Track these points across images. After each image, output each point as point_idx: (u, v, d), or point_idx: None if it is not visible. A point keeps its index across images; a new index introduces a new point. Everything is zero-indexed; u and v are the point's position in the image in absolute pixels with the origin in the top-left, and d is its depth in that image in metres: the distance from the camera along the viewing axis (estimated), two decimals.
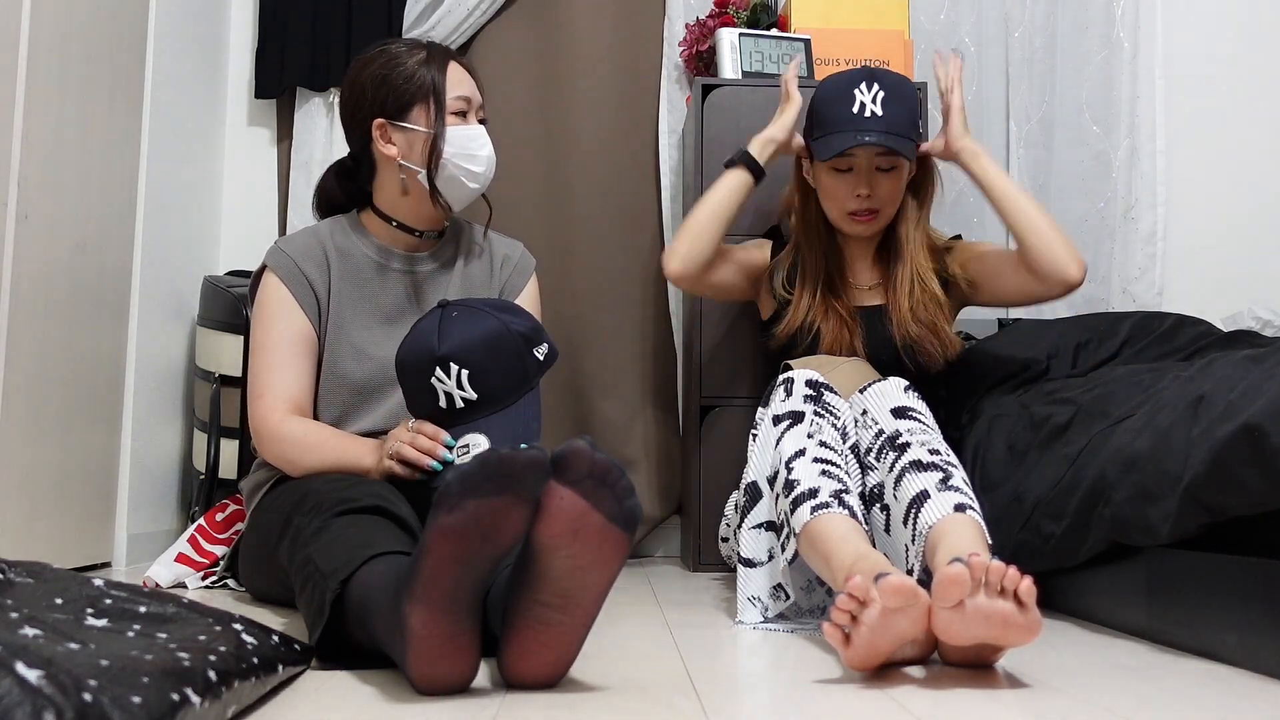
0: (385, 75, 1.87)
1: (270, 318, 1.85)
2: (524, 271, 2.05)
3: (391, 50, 1.90)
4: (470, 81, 1.92)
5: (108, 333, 2.35)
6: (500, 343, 1.63)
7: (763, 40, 2.59)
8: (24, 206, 1.99)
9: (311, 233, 1.93)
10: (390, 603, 1.16)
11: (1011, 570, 1.23)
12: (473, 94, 1.90)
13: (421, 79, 1.86)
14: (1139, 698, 1.20)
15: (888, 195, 2.07)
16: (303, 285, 1.86)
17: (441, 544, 1.09)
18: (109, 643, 0.96)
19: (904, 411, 1.67)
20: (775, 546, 1.67)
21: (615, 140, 2.90)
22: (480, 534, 1.10)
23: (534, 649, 1.17)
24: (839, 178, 2.07)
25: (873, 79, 2.03)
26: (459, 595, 1.11)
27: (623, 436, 2.83)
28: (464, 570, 1.11)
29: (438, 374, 1.62)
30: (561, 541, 1.14)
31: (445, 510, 1.09)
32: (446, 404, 1.63)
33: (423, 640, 1.11)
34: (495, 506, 1.09)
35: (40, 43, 2.03)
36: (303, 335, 1.85)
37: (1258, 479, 1.33)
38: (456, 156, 1.86)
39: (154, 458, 2.57)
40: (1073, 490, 1.71)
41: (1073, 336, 2.26)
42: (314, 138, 2.90)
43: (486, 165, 1.90)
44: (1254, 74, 3.03)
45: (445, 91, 1.86)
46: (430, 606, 1.10)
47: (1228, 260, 2.98)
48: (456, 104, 1.87)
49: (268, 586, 1.81)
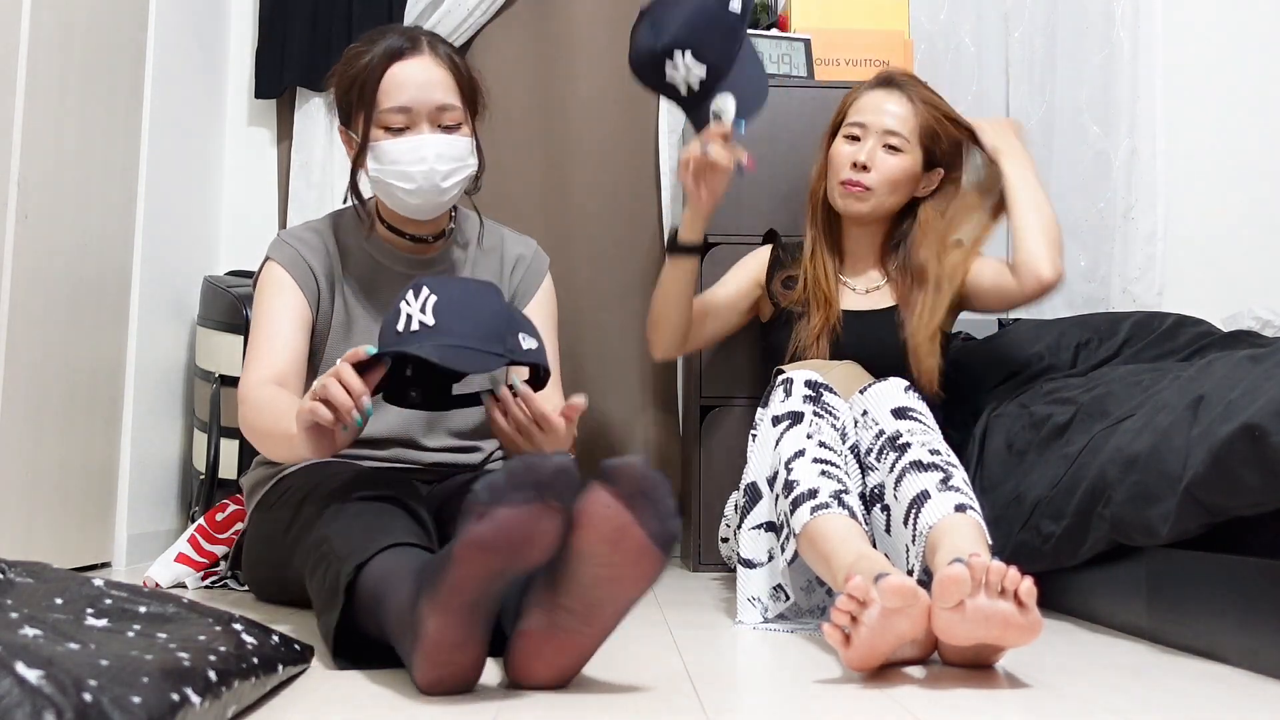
0: (340, 76, 1.79)
1: (267, 298, 1.79)
2: (536, 274, 1.95)
3: (355, 49, 1.79)
4: (419, 84, 1.73)
5: (108, 333, 2.35)
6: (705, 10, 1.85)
7: (763, 40, 2.59)
8: (24, 206, 1.99)
9: (314, 228, 1.87)
10: (408, 600, 1.15)
11: (1012, 571, 1.23)
12: (417, 101, 1.72)
13: (359, 85, 1.75)
14: (1139, 698, 1.20)
15: (883, 175, 2.07)
16: (304, 270, 1.80)
17: (470, 555, 1.08)
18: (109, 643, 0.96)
19: (904, 412, 1.67)
20: (775, 547, 1.67)
21: (615, 140, 2.89)
22: (510, 545, 1.08)
23: (546, 653, 1.17)
24: (847, 145, 2.10)
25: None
26: (479, 604, 1.11)
27: (623, 436, 2.83)
28: (489, 583, 1.10)
29: (669, 64, 1.88)
30: (598, 550, 1.13)
31: (475, 518, 1.07)
32: (686, 91, 1.89)
33: (435, 645, 1.11)
34: (526, 515, 1.07)
35: (40, 43, 2.03)
36: (297, 312, 1.78)
37: (1258, 479, 1.33)
38: (383, 173, 1.75)
39: (154, 458, 2.57)
40: (1073, 490, 1.71)
41: (1073, 336, 2.26)
42: (314, 138, 2.89)
43: (423, 180, 1.73)
44: (1254, 74, 3.03)
45: (377, 103, 1.73)
46: (449, 614, 1.09)
47: (1228, 260, 2.98)
48: (389, 118, 1.73)
49: (269, 584, 1.81)
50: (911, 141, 2.08)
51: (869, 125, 2.09)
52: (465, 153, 1.77)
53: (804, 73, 2.58)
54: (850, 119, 2.12)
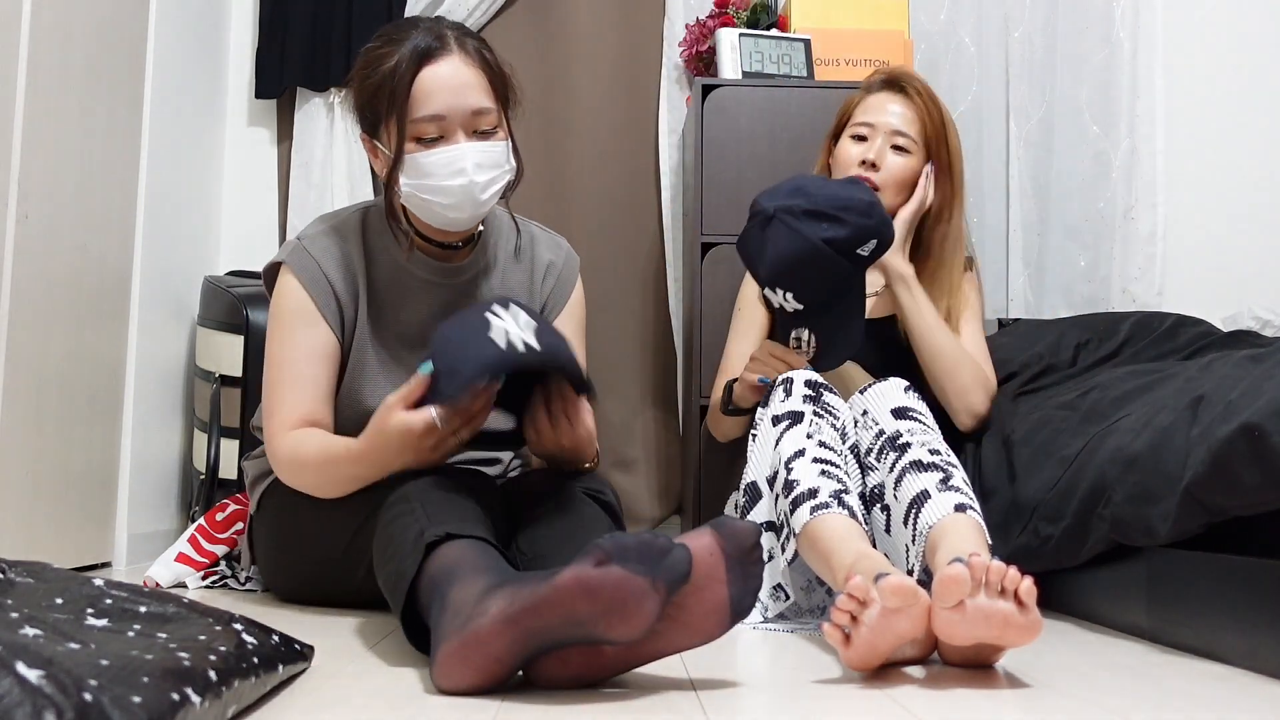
0: (361, 82, 1.67)
1: (287, 328, 1.69)
2: (567, 281, 1.87)
3: (376, 50, 1.67)
4: (453, 89, 1.63)
5: (108, 333, 2.35)
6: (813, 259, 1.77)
7: (763, 40, 2.59)
8: (24, 206, 1.99)
9: (338, 228, 1.75)
10: (476, 593, 1.14)
11: (1012, 570, 1.23)
12: (451, 108, 1.62)
13: (386, 93, 1.63)
14: (1139, 698, 1.20)
15: (892, 175, 2.07)
16: (326, 292, 1.70)
17: (570, 589, 1.08)
18: (109, 642, 0.96)
19: (904, 412, 1.67)
20: (775, 547, 1.67)
21: (615, 140, 2.90)
22: (606, 604, 1.08)
23: (575, 665, 1.16)
24: (855, 144, 2.10)
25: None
26: (537, 636, 1.10)
27: (623, 436, 2.83)
28: (563, 626, 1.09)
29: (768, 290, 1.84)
30: (684, 590, 1.13)
31: (594, 563, 1.08)
32: (779, 312, 1.87)
33: (478, 639, 1.10)
34: (635, 586, 1.07)
35: (40, 43, 2.03)
36: (322, 347, 1.69)
37: (1257, 479, 1.33)
38: (418, 189, 1.64)
39: (154, 458, 2.57)
40: (1072, 491, 1.71)
41: (1073, 336, 2.26)
42: (314, 138, 2.90)
43: (461, 195, 1.63)
44: (1254, 74, 3.03)
45: (408, 113, 1.61)
46: (510, 624, 1.09)
47: (1228, 260, 2.98)
48: (422, 128, 1.62)
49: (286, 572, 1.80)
50: (918, 143, 2.09)
51: (877, 125, 2.09)
52: (503, 158, 1.68)
53: (804, 73, 2.58)
54: (856, 119, 2.12)
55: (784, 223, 1.78)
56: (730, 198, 2.48)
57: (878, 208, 1.82)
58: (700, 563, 1.14)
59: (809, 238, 1.76)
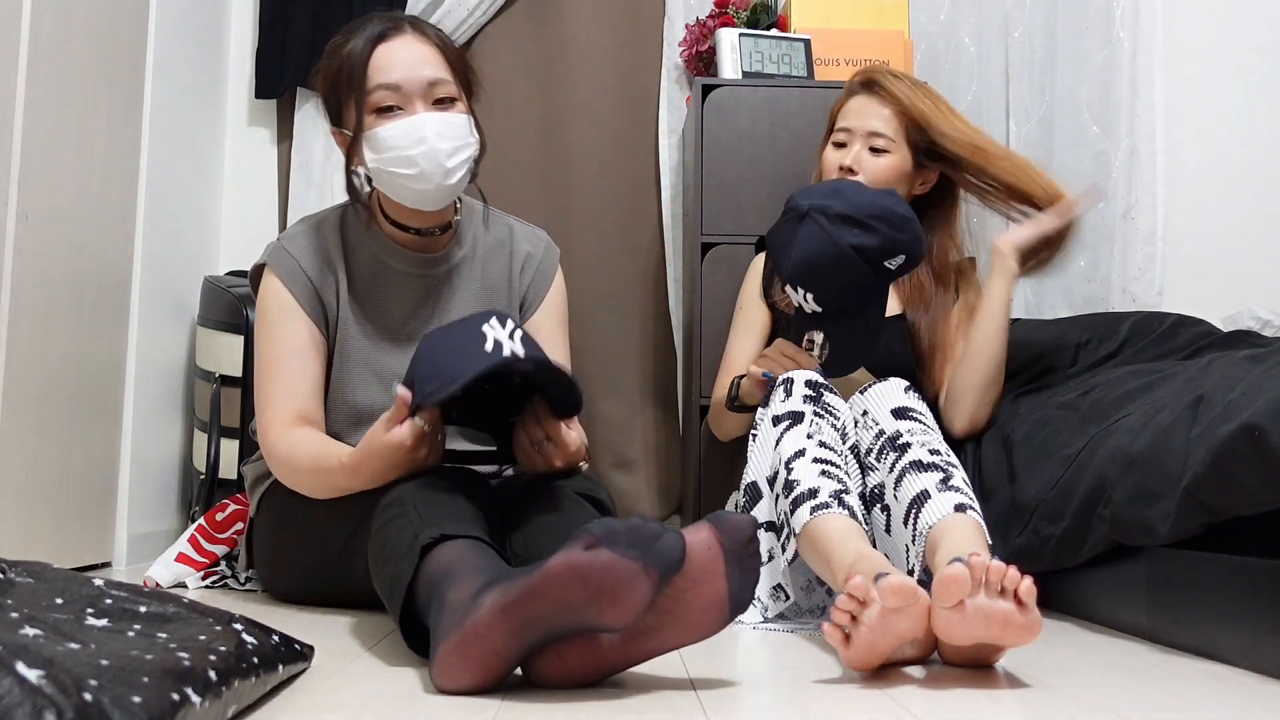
0: (325, 70, 1.71)
1: (270, 325, 1.74)
2: (547, 273, 1.90)
3: (336, 42, 1.72)
4: (407, 61, 1.66)
5: (108, 333, 2.35)
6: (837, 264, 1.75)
7: (763, 40, 2.59)
8: (24, 206, 1.99)
9: (317, 225, 1.80)
10: (472, 591, 1.13)
11: (1012, 570, 1.23)
12: (406, 78, 1.65)
13: (345, 76, 1.67)
14: (1139, 698, 1.20)
15: (870, 177, 2.07)
16: (305, 288, 1.74)
17: (561, 576, 1.07)
18: (109, 642, 0.96)
19: (904, 412, 1.67)
20: (775, 547, 1.67)
21: (615, 140, 2.90)
22: (598, 588, 1.07)
23: (574, 662, 1.16)
24: (835, 151, 2.13)
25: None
26: (534, 626, 1.10)
27: (623, 436, 2.83)
28: (558, 612, 1.09)
29: (789, 287, 1.81)
30: (681, 584, 1.13)
31: (582, 547, 1.08)
32: (798, 311, 1.85)
33: (475, 635, 1.10)
34: (626, 569, 1.07)
35: (40, 43, 2.03)
36: (306, 341, 1.73)
37: (1257, 479, 1.33)
38: (384, 163, 1.66)
39: (154, 458, 2.57)
40: (1072, 491, 1.71)
41: (1072, 336, 2.26)
42: (314, 138, 2.90)
43: (426, 162, 1.64)
44: (1254, 73, 3.03)
45: (365, 87, 1.64)
46: (507, 617, 1.09)
47: (1228, 260, 2.98)
48: (380, 97, 1.64)
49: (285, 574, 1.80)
50: (897, 140, 2.10)
51: (854, 130, 2.12)
52: (465, 130, 1.69)
53: (804, 73, 2.58)
54: (838, 125, 2.16)
55: (816, 222, 1.77)
56: (730, 198, 2.48)
57: (913, 223, 1.80)
58: (698, 557, 1.14)
59: (838, 241, 1.76)
